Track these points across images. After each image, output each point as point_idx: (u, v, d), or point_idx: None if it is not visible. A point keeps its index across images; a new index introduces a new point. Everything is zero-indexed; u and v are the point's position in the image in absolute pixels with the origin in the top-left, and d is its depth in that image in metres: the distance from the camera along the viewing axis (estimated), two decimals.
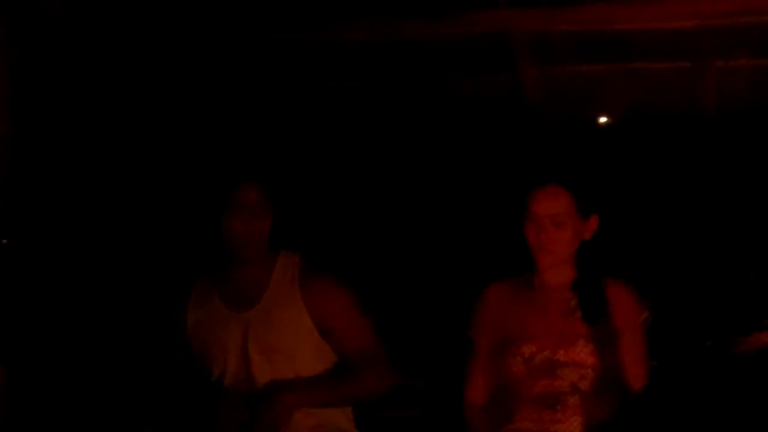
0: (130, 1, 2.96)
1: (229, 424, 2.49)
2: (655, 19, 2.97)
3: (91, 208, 3.42)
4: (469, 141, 3.52)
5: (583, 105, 3.37)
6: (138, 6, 2.95)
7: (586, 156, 3.27)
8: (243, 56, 3.15)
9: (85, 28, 2.96)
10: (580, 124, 3.44)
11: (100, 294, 3.37)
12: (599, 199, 2.65)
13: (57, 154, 3.29)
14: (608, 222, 2.66)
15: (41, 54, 2.91)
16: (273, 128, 3.39)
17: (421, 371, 2.78)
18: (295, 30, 3.01)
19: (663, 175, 3.51)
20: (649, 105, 3.31)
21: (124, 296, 3.36)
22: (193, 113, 3.43)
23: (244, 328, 2.56)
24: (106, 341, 3.28)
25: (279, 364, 2.54)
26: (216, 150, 3.24)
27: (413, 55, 3.17)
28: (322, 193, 2.99)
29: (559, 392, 2.48)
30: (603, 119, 3.39)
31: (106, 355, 3.25)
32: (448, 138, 3.51)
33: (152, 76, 3.24)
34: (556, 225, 2.57)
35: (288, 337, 2.56)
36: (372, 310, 2.63)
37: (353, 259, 2.78)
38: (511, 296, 2.68)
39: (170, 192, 3.47)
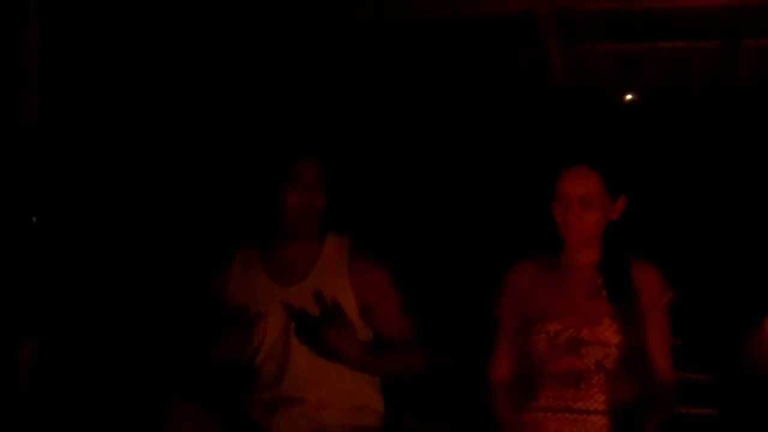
0: None
1: (238, 343, 2.53)
2: None
3: (124, 177, 3.43)
4: (495, 120, 3.54)
5: (611, 84, 3.39)
6: None
7: (614, 136, 3.29)
8: (283, 35, 3.17)
9: None
10: (607, 104, 3.46)
11: (133, 264, 3.40)
12: (628, 180, 2.68)
13: (89, 125, 3.31)
14: (636, 202, 2.69)
15: (72, 24, 2.93)
16: (313, 107, 3.41)
17: (451, 348, 2.82)
18: (324, 9, 3.04)
19: (690, 155, 3.52)
20: (677, 84, 3.33)
21: (158, 266, 3.39)
22: (241, 86, 3.42)
23: (288, 303, 2.58)
24: (139, 312, 3.32)
25: None
26: (273, 123, 3.25)
27: (439, 33, 3.20)
28: (350, 170, 3.01)
29: (583, 370, 2.55)
30: (629, 96, 3.40)
31: (138, 327, 3.29)
32: (475, 117, 3.53)
33: (197, 48, 3.24)
34: (585, 205, 2.62)
35: None
36: (402, 287, 2.68)
37: (383, 235, 2.80)
38: (537, 275, 2.73)
39: (212, 162, 3.48)
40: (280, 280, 2.62)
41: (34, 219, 2.69)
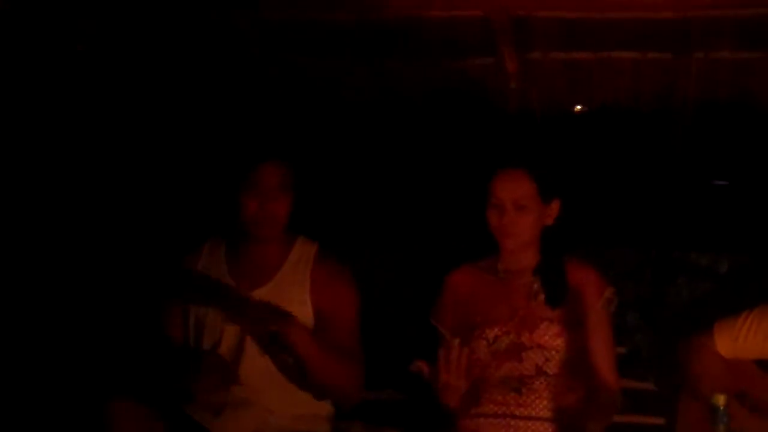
0: None
1: (209, 387, 2.65)
2: (637, 8, 3.16)
3: (62, 172, 3.53)
4: (444, 125, 3.68)
5: (562, 93, 3.54)
6: None
7: (557, 143, 3.46)
8: (232, 35, 3.31)
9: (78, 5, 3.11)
10: (557, 112, 3.61)
11: (73, 260, 3.51)
12: (561, 184, 2.87)
13: (32, 120, 3.41)
14: (574, 207, 2.87)
15: (25, 38, 3.06)
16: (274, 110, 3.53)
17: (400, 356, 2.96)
18: (280, 9, 3.20)
19: (637, 165, 3.70)
20: (628, 95, 3.49)
21: (101, 261, 3.50)
22: (205, 91, 3.53)
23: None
24: (79, 309, 3.43)
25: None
26: (236, 126, 3.35)
27: (393, 36, 3.35)
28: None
29: (523, 375, 2.69)
30: (578, 107, 3.58)
31: (79, 324, 3.40)
32: (424, 121, 3.67)
33: (155, 55, 3.35)
34: (518, 209, 2.79)
35: None
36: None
37: (334, 239, 2.94)
38: (474, 281, 2.89)
39: (171, 159, 3.57)
40: (243, 282, 2.72)
41: None
